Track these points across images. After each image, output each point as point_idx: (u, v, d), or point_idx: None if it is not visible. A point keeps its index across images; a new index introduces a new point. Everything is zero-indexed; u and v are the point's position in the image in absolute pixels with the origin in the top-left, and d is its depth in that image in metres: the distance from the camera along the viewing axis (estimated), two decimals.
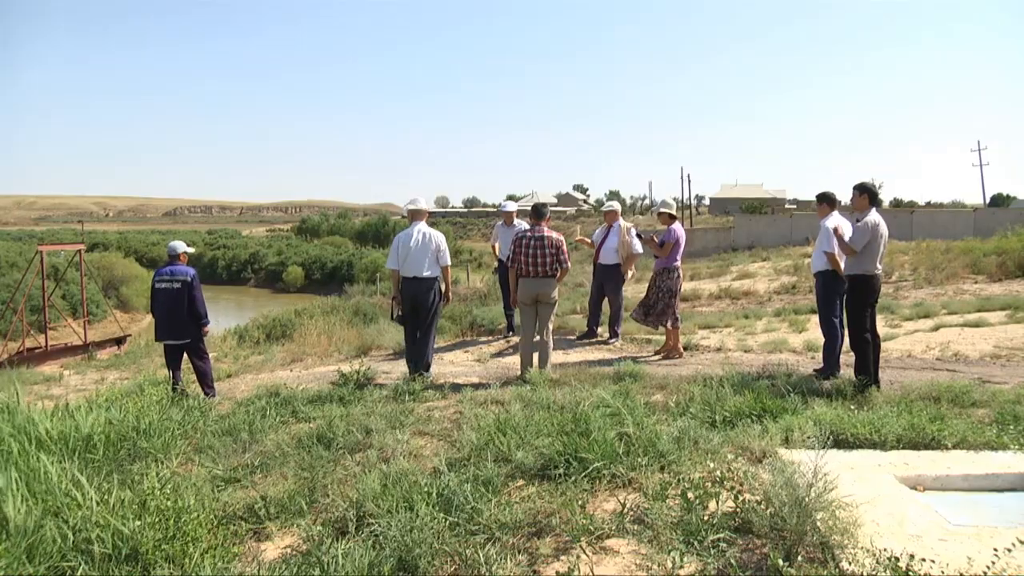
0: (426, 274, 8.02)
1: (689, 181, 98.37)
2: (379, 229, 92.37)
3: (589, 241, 11.19)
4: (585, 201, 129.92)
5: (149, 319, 42.39)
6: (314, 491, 4.51)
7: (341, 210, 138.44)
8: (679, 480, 4.13)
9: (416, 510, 3.79)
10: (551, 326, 8.13)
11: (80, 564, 3.45)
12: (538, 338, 8.02)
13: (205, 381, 8.44)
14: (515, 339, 10.74)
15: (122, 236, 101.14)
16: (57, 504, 3.99)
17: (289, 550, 3.83)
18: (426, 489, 4.11)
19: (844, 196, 7.75)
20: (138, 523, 3.65)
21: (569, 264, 8.06)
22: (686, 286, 12.69)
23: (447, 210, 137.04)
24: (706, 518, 3.61)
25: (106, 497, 4.08)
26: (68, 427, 5.59)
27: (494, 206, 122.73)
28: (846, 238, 6.96)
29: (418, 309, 8.09)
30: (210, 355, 8.86)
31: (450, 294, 8.48)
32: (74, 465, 4.74)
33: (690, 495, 3.72)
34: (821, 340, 7.74)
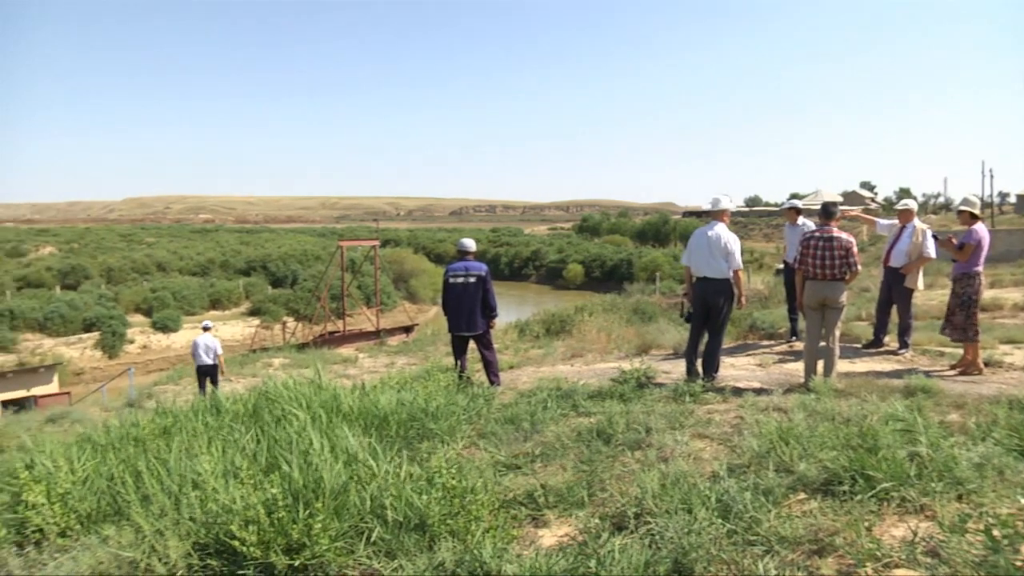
0: (715, 275, 7.74)
1: (992, 176, 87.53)
2: (659, 228, 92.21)
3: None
4: (873, 199, 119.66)
5: (435, 310, 45.66)
6: (592, 484, 4.48)
7: (621, 209, 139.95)
8: (981, 514, 3.55)
9: (694, 513, 3.64)
10: (838, 332, 7.51)
11: (376, 527, 3.76)
12: (823, 344, 7.47)
13: (491, 370, 8.78)
14: (798, 344, 10.14)
15: (412, 233, 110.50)
16: (358, 473, 4.33)
17: (566, 539, 3.82)
18: (705, 493, 3.93)
19: None
20: (425, 497, 3.86)
21: (859, 267, 7.43)
22: (986, 294, 11.24)
23: None
24: (1018, 564, 3.08)
25: (397, 470, 4.37)
26: (366, 404, 6.09)
27: (776, 205, 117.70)
28: None
29: (708, 310, 7.85)
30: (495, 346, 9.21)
31: (744, 299, 8.12)
32: (371, 438, 5.13)
33: (996, 532, 3.18)
34: None
